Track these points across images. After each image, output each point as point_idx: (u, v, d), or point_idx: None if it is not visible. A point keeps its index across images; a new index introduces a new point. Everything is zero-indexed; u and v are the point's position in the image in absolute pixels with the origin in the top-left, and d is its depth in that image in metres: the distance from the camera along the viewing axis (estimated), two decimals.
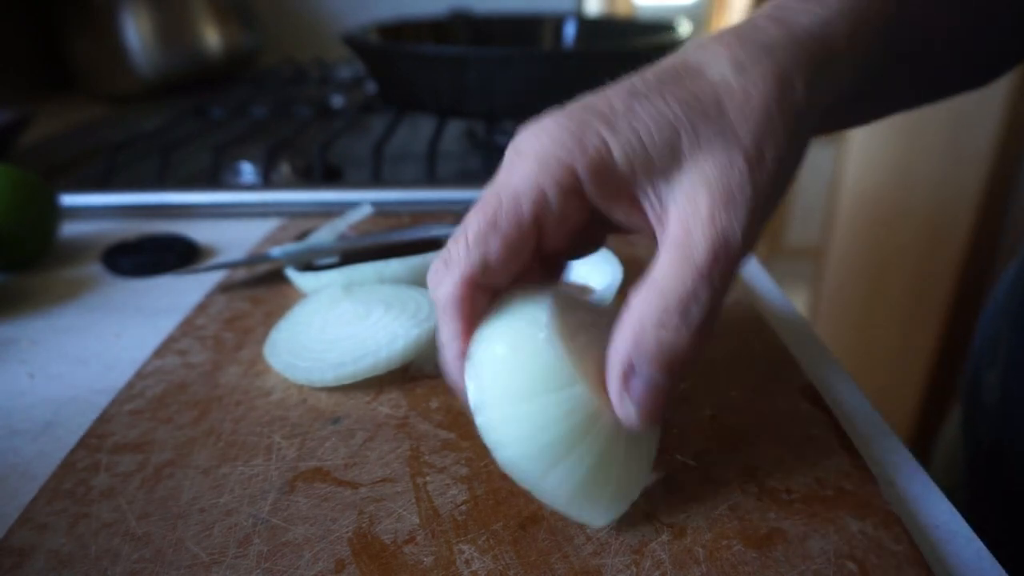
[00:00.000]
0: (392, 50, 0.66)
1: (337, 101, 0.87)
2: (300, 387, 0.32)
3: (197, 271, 0.44)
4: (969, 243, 1.23)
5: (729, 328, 0.36)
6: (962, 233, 1.24)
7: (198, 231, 0.51)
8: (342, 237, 0.46)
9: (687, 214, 0.22)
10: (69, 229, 0.53)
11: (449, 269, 0.24)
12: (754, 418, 0.29)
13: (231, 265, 0.43)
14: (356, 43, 0.66)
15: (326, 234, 0.45)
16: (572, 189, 0.22)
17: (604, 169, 0.22)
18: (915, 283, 1.39)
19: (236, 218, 0.55)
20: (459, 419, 0.29)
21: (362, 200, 0.54)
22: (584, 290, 0.41)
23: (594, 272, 0.41)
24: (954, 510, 0.26)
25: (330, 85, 1.01)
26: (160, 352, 0.35)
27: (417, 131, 0.79)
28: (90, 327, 0.40)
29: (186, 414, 0.30)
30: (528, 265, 0.24)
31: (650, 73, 0.24)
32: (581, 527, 0.24)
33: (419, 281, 0.39)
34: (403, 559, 0.23)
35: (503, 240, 0.23)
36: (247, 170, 0.60)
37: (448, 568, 0.22)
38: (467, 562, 0.23)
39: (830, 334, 1.75)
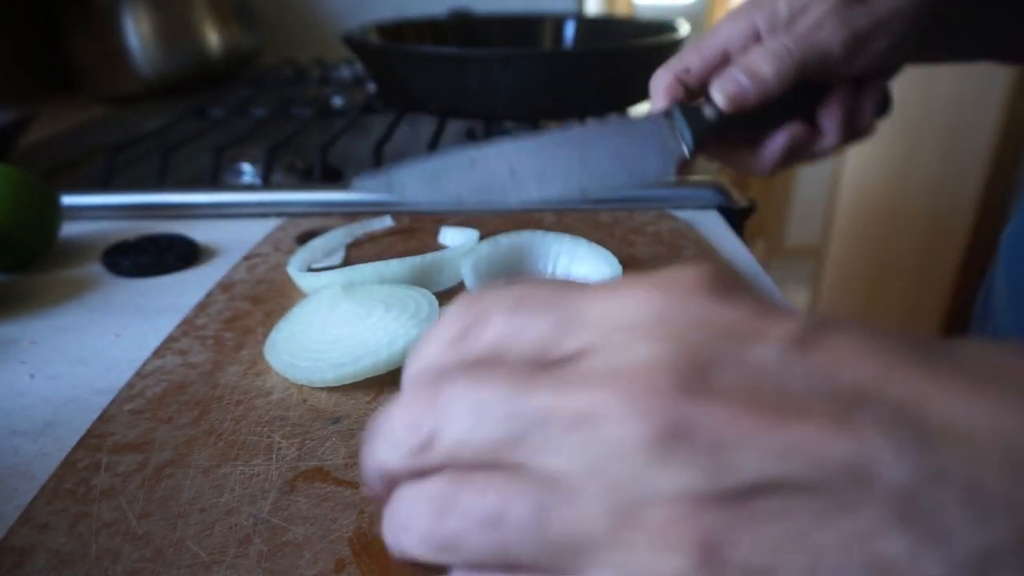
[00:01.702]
0: (392, 50, 0.66)
1: (337, 101, 0.87)
2: (300, 387, 0.32)
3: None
4: (968, 243, 1.23)
5: None
6: (961, 233, 1.24)
7: (198, 231, 0.51)
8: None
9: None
10: (69, 229, 0.53)
11: (667, 67, 0.40)
12: None
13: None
14: (356, 43, 0.67)
15: (341, 237, 0.46)
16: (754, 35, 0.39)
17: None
18: (915, 283, 1.39)
19: (236, 218, 0.55)
20: None
21: (361, 200, 0.54)
22: None
23: (594, 272, 0.41)
24: None
25: (330, 85, 1.01)
26: (160, 352, 0.35)
27: (417, 131, 0.79)
28: (90, 327, 0.40)
29: (186, 414, 0.30)
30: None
31: None
32: None
33: (419, 281, 0.39)
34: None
35: (702, 58, 0.39)
36: (247, 170, 0.60)
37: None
38: None
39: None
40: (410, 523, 0.18)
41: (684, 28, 0.68)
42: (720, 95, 0.37)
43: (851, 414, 0.15)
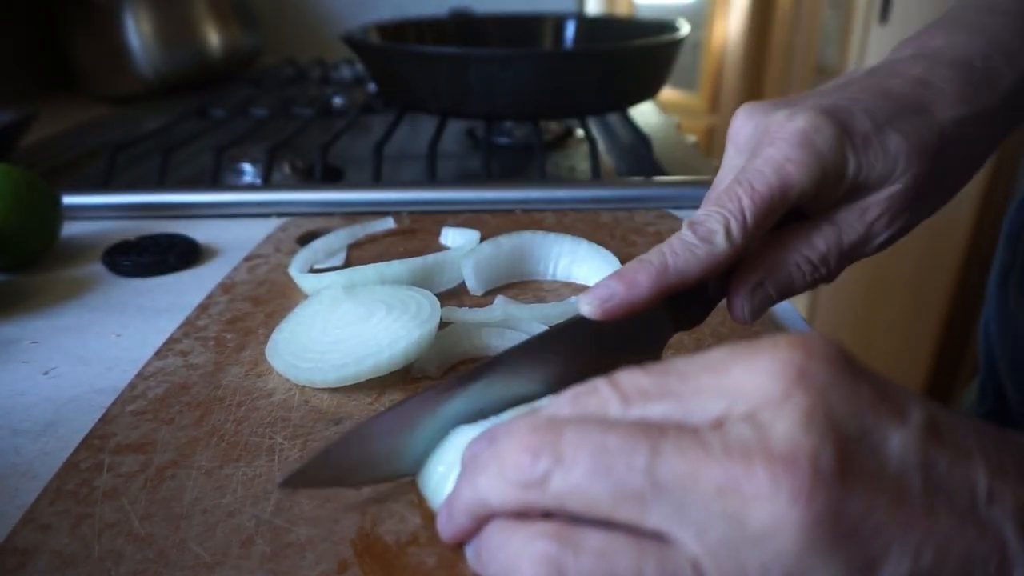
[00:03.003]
0: (392, 50, 0.66)
1: (337, 101, 0.87)
2: (302, 388, 0.32)
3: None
4: (969, 242, 1.23)
5: (727, 328, 0.36)
6: (962, 232, 1.24)
7: (199, 231, 0.51)
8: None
9: None
10: (70, 229, 0.53)
11: (650, 267, 0.27)
12: None
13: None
14: (356, 43, 0.67)
15: (343, 238, 0.46)
16: None
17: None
18: (915, 282, 1.39)
19: (237, 218, 0.55)
20: None
21: (362, 200, 0.54)
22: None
23: (594, 273, 0.41)
24: None
25: (330, 85, 1.01)
26: (162, 352, 0.35)
27: (417, 131, 0.79)
28: (91, 327, 0.40)
29: (188, 415, 0.30)
30: None
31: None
32: None
33: (420, 282, 0.39)
34: (406, 560, 0.23)
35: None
36: (248, 170, 0.60)
37: (451, 568, 0.22)
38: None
39: (830, 334, 1.74)
40: (511, 566, 0.18)
41: (684, 28, 0.68)
42: (747, 308, 0.28)
43: (983, 512, 0.16)
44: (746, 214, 0.26)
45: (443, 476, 0.25)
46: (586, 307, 0.25)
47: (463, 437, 0.26)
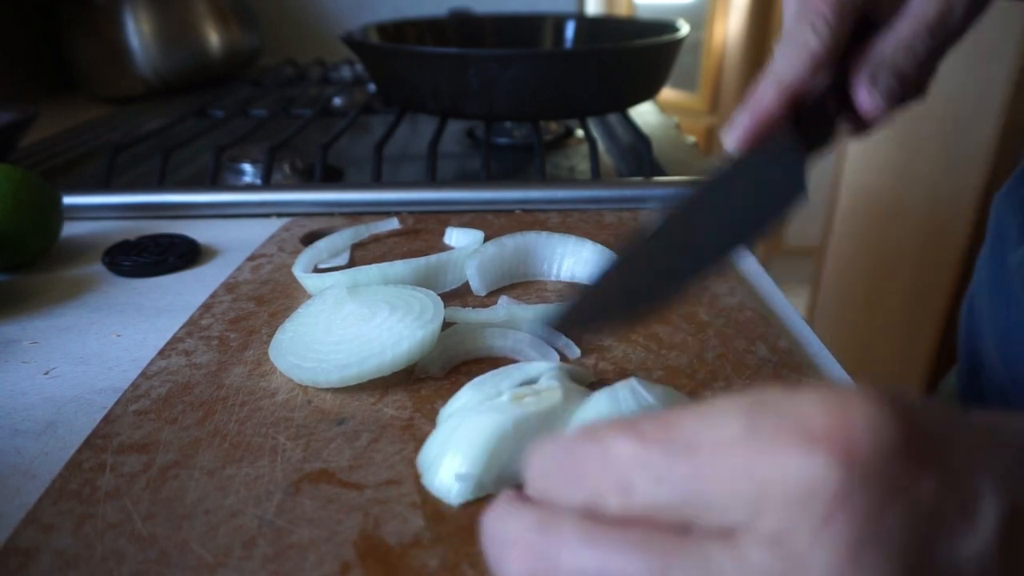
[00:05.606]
0: (392, 50, 0.66)
1: (337, 101, 0.87)
2: (305, 388, 0.32)
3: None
4: (968, 241, 1.23)
5: (732, 329, 0.36)
6: (961, 231, 1.24)
7: (199, 231, 0.51)
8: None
9: None
10: (70, 229, 0.52)
11: (777, 82, 0.29)
12: None
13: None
14: (356, 43, 0.66)
15: (346, 238, 0.46)
16: None
17: None
18: (915, 282, 1.39)
19: (237, 218, 0.55)
20: None
21: (361, 200, 0.54)
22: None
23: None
24: None
25: (330, 85, 1.01)
26: (165, 352, 0.35)
27: (417, 131, 0.79)
28: (91, 327, 0.39)
29: (191, 415, 0.30)
30: None
31: None
32: None
33: (423, 282, 0.39)
34: (408, 561, 0.23)
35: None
36: (248, 170, 0.60)
37: (454, 570, 0.22)
38: (472, 564, 0.23)
39: (830, 334, 1.75)
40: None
41: (684, 28, 0.68)
42: (875, 93, 0.28)
43: None
44: (824, 10, 0.28)
45: (435, 458, 0.26)
46: (731, 140, 0.27)
47: (457, 419, 0.27)
